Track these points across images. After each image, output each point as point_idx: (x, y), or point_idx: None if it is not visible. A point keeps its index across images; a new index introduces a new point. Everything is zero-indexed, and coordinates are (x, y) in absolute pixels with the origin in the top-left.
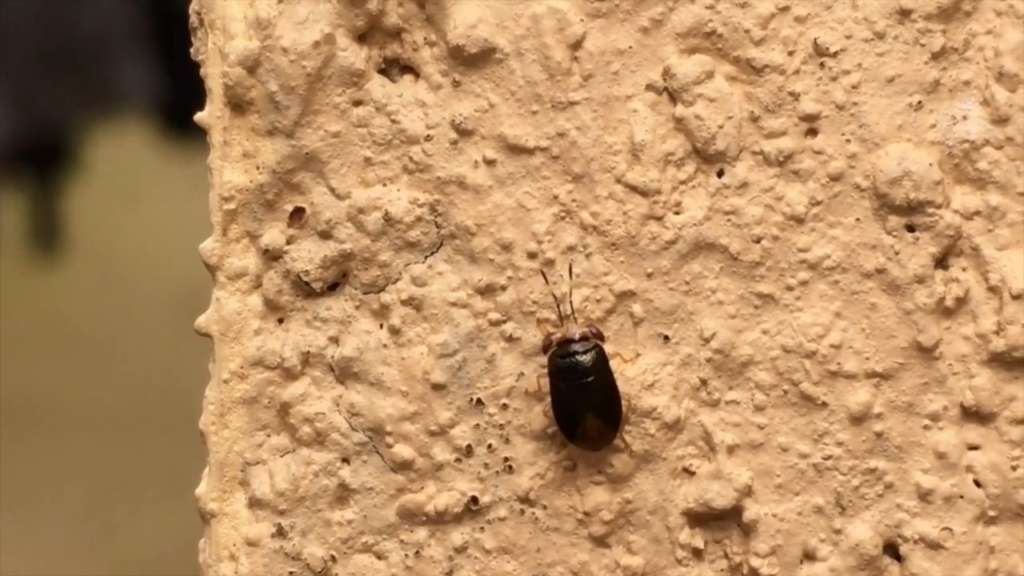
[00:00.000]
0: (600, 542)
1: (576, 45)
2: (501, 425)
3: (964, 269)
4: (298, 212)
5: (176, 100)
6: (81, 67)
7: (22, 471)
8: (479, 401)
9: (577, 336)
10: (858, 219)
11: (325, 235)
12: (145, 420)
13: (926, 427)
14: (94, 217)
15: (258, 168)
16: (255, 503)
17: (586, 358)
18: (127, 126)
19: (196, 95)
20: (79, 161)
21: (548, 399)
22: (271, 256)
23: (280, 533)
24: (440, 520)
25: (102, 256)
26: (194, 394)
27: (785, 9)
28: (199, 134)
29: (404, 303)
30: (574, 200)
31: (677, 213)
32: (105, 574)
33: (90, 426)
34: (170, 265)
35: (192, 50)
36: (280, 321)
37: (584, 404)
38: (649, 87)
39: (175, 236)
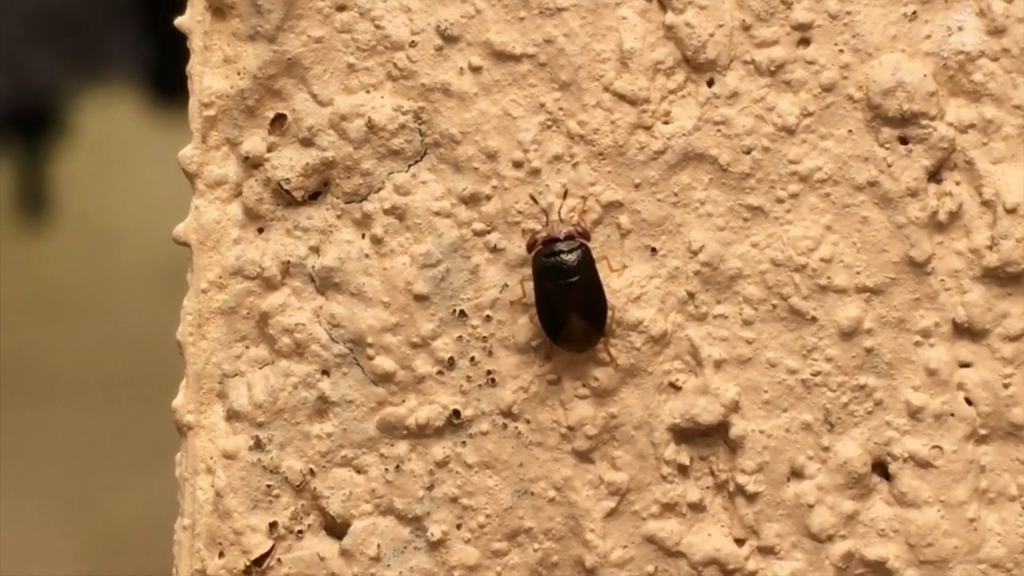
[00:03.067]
0: (584, 457)
1: None
2: (484, 337)
3: (958, 183)
4: (279, 119)
5: (165, 67)
6: (70, 33)
7: (5, 438)
8: (462, 312)
9: (562, 235)
10: (850, 131)
11: (307, 142)
12: (131, 387)
13: (917, 343)
14: (82, 184)
15: (239, 74)
16: (233, 415)
17: (571, 257)
18: (116, 93)
19: (185, 63)
20: (67, 127)
21: (533, 311)
22: (251, 164)
23: (258, 446)
24: (421, 434)
25: (90, 223)
26: (180, 360)
27: None
28: (187, 102)
29: (387, 212)
30: (561, 108)
31: (666, 123)
32: (88, 541)
33: (76, 393)
34: (158, 232)
35: None
36: (260, 230)
37: (569, 304)
38: None
39: (163, 203)
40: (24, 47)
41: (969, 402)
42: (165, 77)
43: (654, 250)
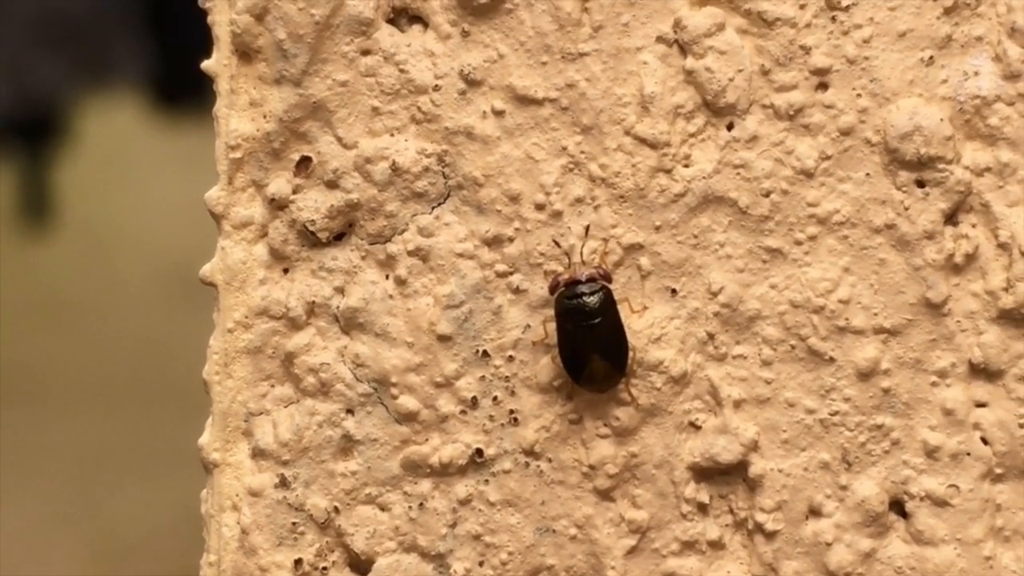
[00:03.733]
0: (605, 496)
1: None
2: (507, 377)
3: (974, 225)
4: (305, 161)
5: (168, 74)
6: (74, 39)
7: (8, 443)
8: (485, 353)
9: (584, 277)
10: (868, 174)
11: (332, 185)
12: (133, 393)
13: (934, 384)
14: (85, 190)
15: (265, 117)
16: (258, 453)
17: (593, 299)
18: (119, 99)
19: (188, 69)
20: (70, 133)
21: (554, 352)
22: (277, 205)
23: (283, 484)
24: (444, 472)
25: (92, 229)
26: (181, 367)
27: None
28: (190, 108)
29: (410, 254)
30: (583, 152)
31: (686, 166)
32: (90, 547)
33: (78, 399)
34: (160, 238)
35: None
36: (285, 271)
37: (590, 346)
38: (659, 39)
39: (165, 209)
40: (27, 53)
41: (985, 441)
42: (168, 83)
43: (674, 291)
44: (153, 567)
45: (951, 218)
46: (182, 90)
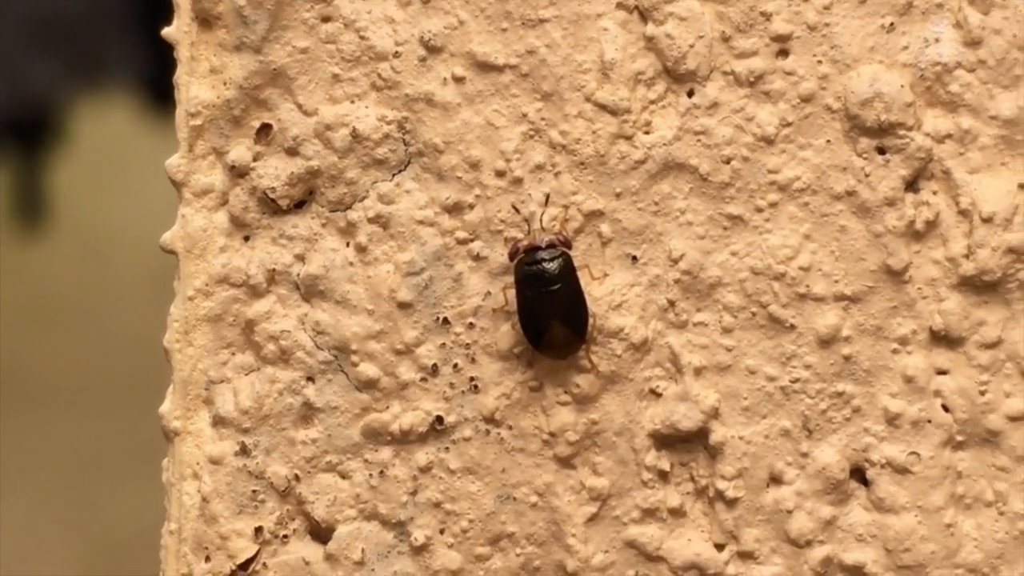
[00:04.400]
0: (565, 463)
1: None
2: (467, 344)
3: (934, 192)
4: (265, 128)
5: (162, 74)
6: (67, 40)
7: (2, 444)
8: (445, 320)
9: (544, 243)
10: (828, 141)
11: (292, 152)
12: (128, 393)
13: (894, 351)
14: (79, 191)
15: (225, 84)
16: (219, 421)
17: (553, 265)
18: (113, 100)
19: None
20: (64, 134)
21: (515, 319)
22: (237, 173)
23: (244, 451)
24: (405, 440)
25: (86, 230)
26: (168, 368)
27: None
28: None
29: (371, 221)
30: (543, 118)
31: (647, 133)
32: (85, 548)
33: (73, 399)
34: (154, 239)
35: None
36: (246, 239)
37: (551, 312)
38: (619, 5)
39: (160, 210)
40: (21, 54)
41: (946, 409)
42: (162, 84)
43: (635, 258)
44: (149, 567)
45: (912, 185)
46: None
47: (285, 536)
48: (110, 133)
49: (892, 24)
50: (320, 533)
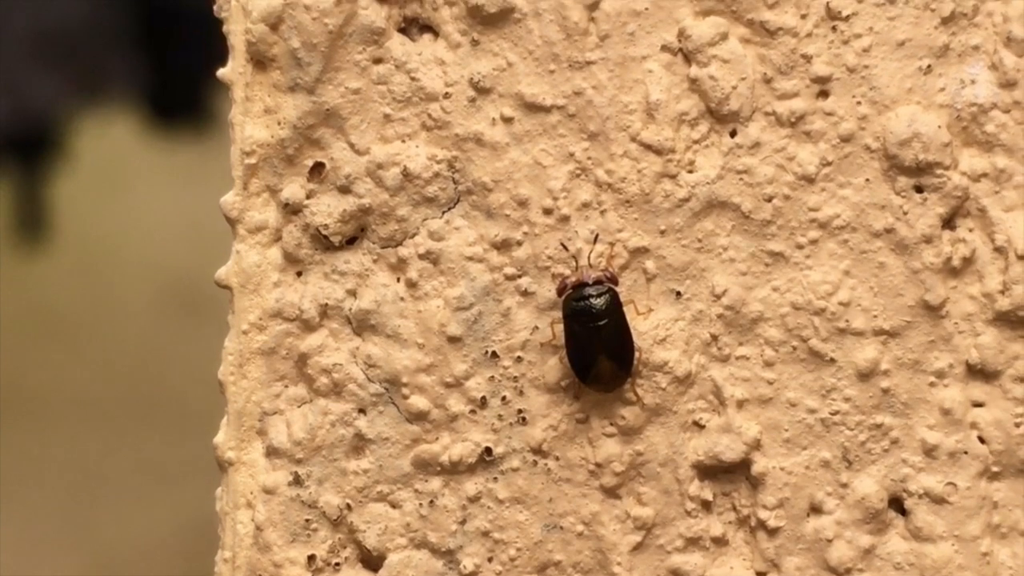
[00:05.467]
0: (611, 493)
1: (593, 6)
2: (515, 377)
3: (971, 230)
4: (318, 167)
5: (163, 90)
6: (69, 56)
7: (4, 458)
8: (494, 354)
9: (591, 280)
10: (867, 179)
11: (344, 190)
12: (130, 408)
13: (932, 384)
14: (80, 206)
15: (279, 123)
16: (272, 452)
17: (599, 301)
18: (114, 115)
19: (184, 85)
20: (66, 149)
21: (562, 353)
22: (291, 210)
23: (297, 481)
24: (454, 470)
25: (87, 245)
26: (177, 382)
27: None
28: (186, 124)
29: (421, 257)
30: (589, 158)
31: (690, 172)
32: (87, 564)
33: (74, 414)
34: (155, 254)
35: (215, 7)
36: (299, 274)
37: (597, 346)
38: (664, 48)
39: (161, 225)
40: (23, 69)
41: (982, 440)
42: (163, 99)
43: (679, 294)
44: None
45: (949, 222)
46: (177, 106)
47: (337, 564)
48: (111, 148)
49: (929, 66)
50: (371, 561)
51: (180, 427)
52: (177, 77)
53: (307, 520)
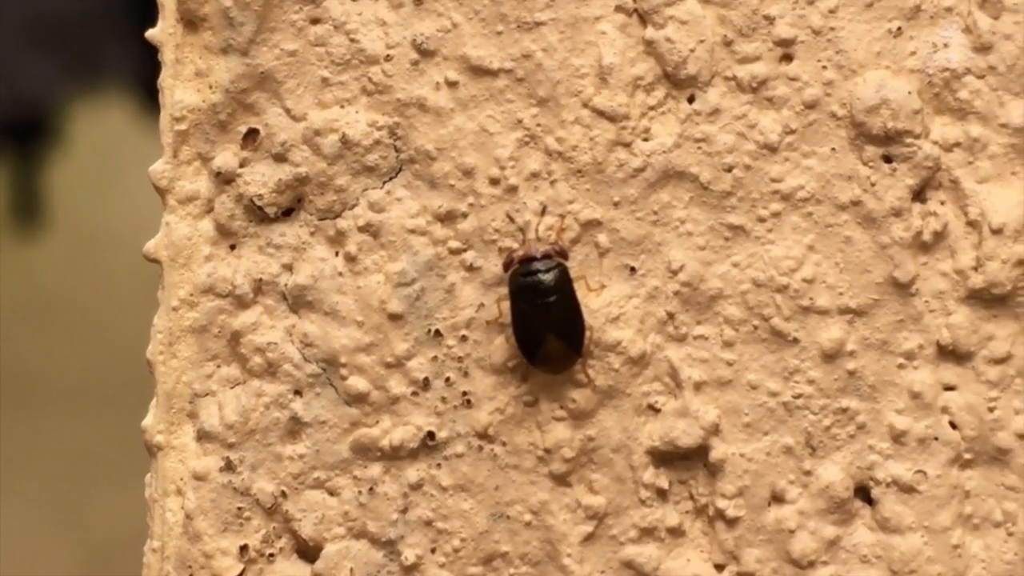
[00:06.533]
0: (561, 480)
1: None
2: (460, 358)
3: (942, 202)
4: (252, 134)
5: (158, 76)
6: (64, 42)
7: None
8: (437, 332)
9: (539, 254)
10: (833, 149)
11: (280, 158)
12: (125, 394)
13: (901, 366)
14: (75, 192)
15: (211, 87)
16: (203, 436)
17: (548, 277)
18: (109, 101)
19: None
20: (61, 135)
21: (509, 331)
22: (223, 179)
23: (229, 467)
24: (395, 456)
25: (82, 231)
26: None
27: None
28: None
29: (361, 230)
30: (539, 125)
31: (646, 140)
32: (82, 550)
33: (70, 400)
34: (150, 240)
35: None
36: (232, 247)
37: (546, 325)
38: (618, 8)
39: (156, 212)
40: (17, 55)
41: (953, 426)
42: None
43: (633, 269)
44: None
45: (919, 195)
46: None
47: (271, 555)
48: (106, 134)
49: (899, 29)
50: (307, 552)
51: None
52: None
53: (240, 508)
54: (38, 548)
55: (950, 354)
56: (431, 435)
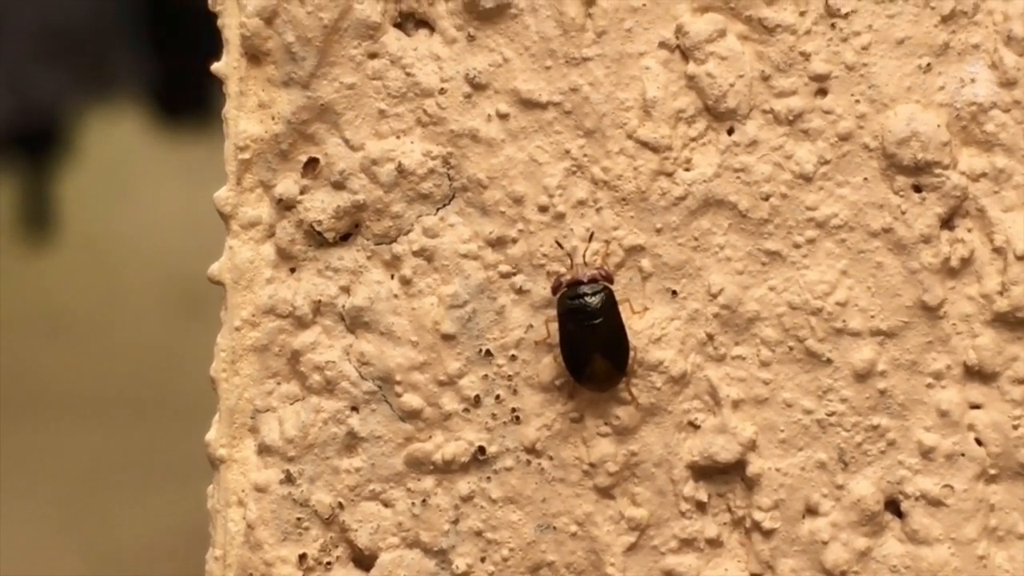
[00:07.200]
0: (605, 493)
1: (590, 1)
2: (509, 376)
3: (969, 230)
4: (312, 163)
5: (169, 86)
6: (75, 52)
7: (9, 454)
8: (488, 352)
9: (586, 278)
10: (866, 178)
11: (338, 186)
12: (135, 404)
13: (929, 385)
14: (86, 202)
15: (273, 118)
16: (264, 450)
17: (595, 299)
18: (120, 111)
19: (189, 81)
20: (72, 146)
21: (556, 351)
22: (284, 206)
23: (288, 479)
24: (447, 469)
25: (94, 241)
26: (183, 378)
27: None
28: (191, 120)
29: (415, 254)
30: (585, 155)
31: (687, 170)
32: (88, 560)
33: (80, 410)
34: (161, 250)
35: (210, 1)
36: (292, 270)
37: (592, 345)
38: (662, 44)
39: (167, 221)
40: (29, 66)
41: (979, 443)
42: (169, 95)
43: (675, 293)
44: None
45: (947, 222)
46: (183, 102)
47: (328, 563)
48: (117, 144)
49: (929, 64)
50: (363, 561)
51: (184, 424)
52: (183, 73)
53: (299, 518)
54: (47, 556)
55: (976, 374)
56: (481, 450)
